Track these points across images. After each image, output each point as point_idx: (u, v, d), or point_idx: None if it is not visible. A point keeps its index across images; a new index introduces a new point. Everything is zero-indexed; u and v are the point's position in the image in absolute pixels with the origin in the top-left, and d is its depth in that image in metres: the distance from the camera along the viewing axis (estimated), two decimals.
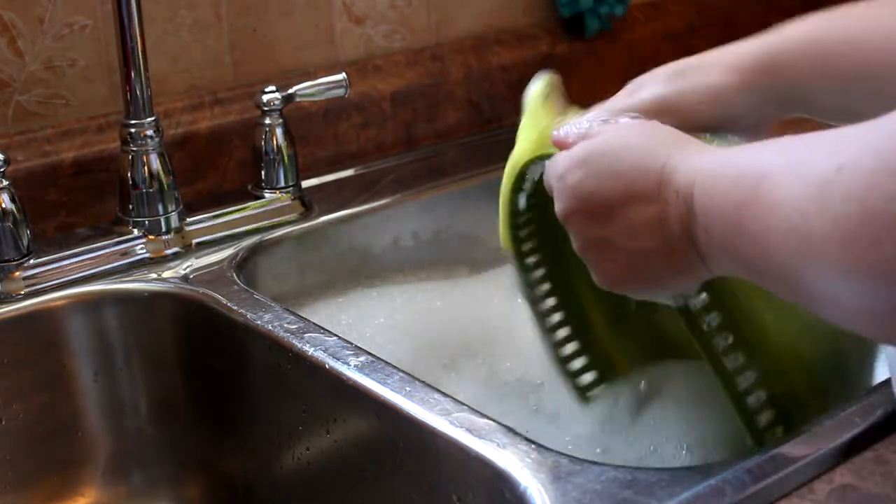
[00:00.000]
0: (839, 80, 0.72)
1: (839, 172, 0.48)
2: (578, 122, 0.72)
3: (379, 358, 0.78)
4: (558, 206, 0.67)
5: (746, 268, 0.57)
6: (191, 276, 0.92)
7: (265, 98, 1.00)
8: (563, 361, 0.84)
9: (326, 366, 0.78)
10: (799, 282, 0.53)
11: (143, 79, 0.93)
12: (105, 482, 0.92)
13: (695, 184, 0.59)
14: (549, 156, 0.73)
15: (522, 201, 0.81)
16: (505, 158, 1.17)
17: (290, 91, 1.01)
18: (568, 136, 0.71)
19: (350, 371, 0.77)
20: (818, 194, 0.49)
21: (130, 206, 0.95)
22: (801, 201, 0.50)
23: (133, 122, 0.94)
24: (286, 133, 1.02)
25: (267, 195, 1.03)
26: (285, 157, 1.02)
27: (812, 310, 0.55)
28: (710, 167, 0.59)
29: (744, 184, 0.55)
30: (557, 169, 0.68)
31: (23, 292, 0.89)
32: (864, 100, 0.71)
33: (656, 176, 0.62)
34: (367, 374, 0.76)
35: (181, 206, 0.97)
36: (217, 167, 1.07)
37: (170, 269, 0.94)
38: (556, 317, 0.84)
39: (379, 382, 0.75)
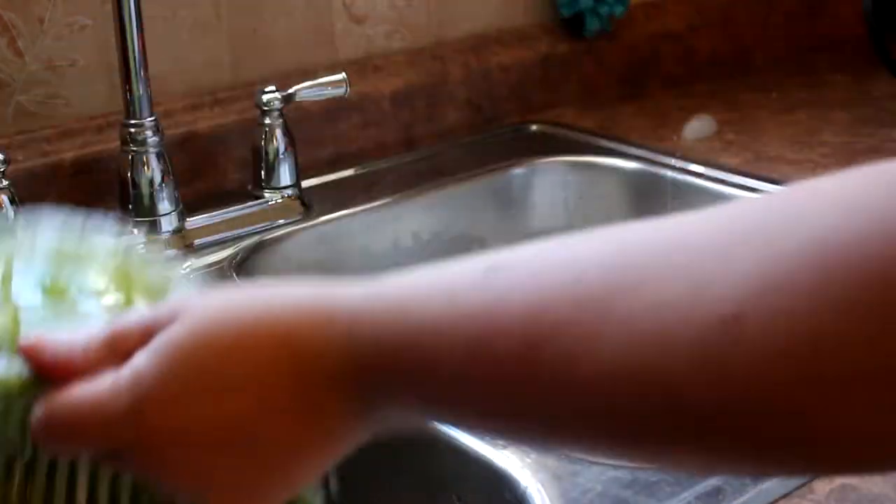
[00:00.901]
0: None
1: (738, 321, 0.33)
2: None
3: None
4: (153, 469, 0.44)
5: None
6: (191, 276, 0.92)
7: (265, 98, 1.00)
8: None
9: None
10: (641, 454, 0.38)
11: (143, 79, 0.93)
12: None
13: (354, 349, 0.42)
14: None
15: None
16: (506, 158, 1.17)
17: (290, 91, 1.01)
18: (74, 348, 0.45)
19: None
20: (702, 355, 0.33)
21: (130, 206, 0.95)
22: (659, 365, 0.34)
23: (133, 122, 0.94)
24: (286, 133, 1.02)
25: (267, 195, 1.03)
26: (285, 157, 1.02)
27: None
28: (381, 316, 0.42)
29: (485, 355, 0.38)
30: (128, 415, 0.43)
31: None
32: None
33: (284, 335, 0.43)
34: None
35: (181, 206, 0.97)
36: (217, 167, 1.07)
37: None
38: None
39: None
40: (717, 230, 0.35)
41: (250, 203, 1.02)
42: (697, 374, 0.33)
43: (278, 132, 1.02)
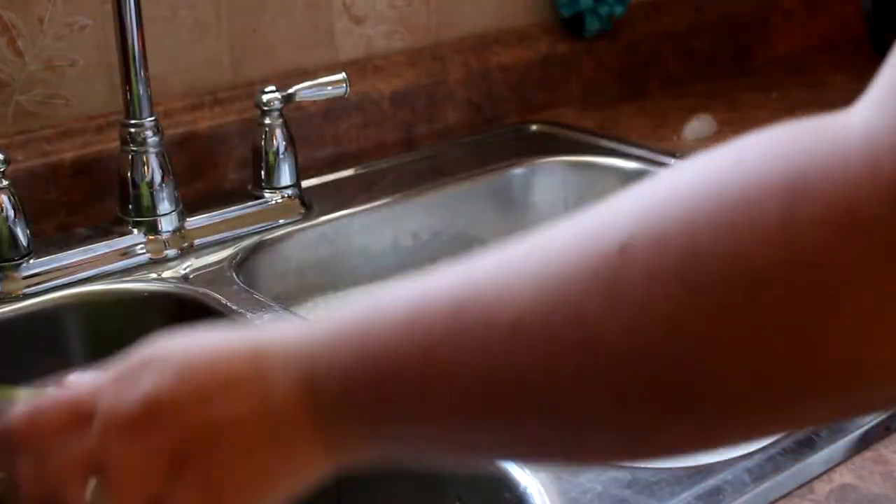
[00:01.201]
0: None
1: (624, 253, 0.37)
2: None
3: None
4: (115, 441, 0.46)
5: (428, 435, 0.43)
6: (191, 276, 0.92)
7: (265, 98, 1.00)
8: None
9: None
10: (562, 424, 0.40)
11: (143, 79, 0.93)
12: None
13: (312, 354, 0.44)
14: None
15: None
16: (506, 158, 1.17)
17: (290, 91, 1.01)
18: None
19: None
20: (602, 287, 0.37)
21: (130, 206, 0.95)
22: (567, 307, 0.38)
23: (133, 122, 0.94)
24: (286, 133, 1.02)
25: (267, 195, 1.03)
26: (285, 157, 1.02)
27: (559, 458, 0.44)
28: (337, 327, 0.45)
29: (418, 324, 0.41)
30: (94, 396, 0.48)
31: (23, 292, 0.89)
32: None
33: (247, 362, 0.46)
34: None
35: (181, 206, 0.97)
36: (217, 167, 1.07)
37: (170, 269, 0.94)
38: None
39: None
40: (615, 199, 0.40)
41: (250, 203, 1.02)
42: (599, 301, 0.37)
43: (278, 132, 1.02)
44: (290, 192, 1.03)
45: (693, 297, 0.35)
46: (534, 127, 1.26)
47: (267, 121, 1.01)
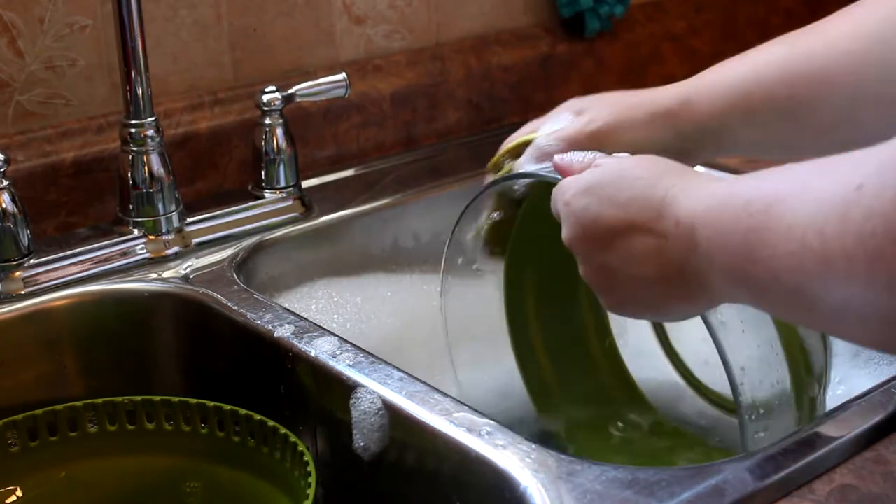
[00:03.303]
0: (759, 118, 0.78)
1: (859, 191, 0.49)
2: (582, 153, 0.73)
3: (379, 358, 0.78)
4: (564, 232, 0.68)
5: (755, 294, 0.57)
6: (191, 276, 0.92)
7: (265, 98, 1.00)
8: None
9: (326, 366, 0.78)
10: (816, 304, 0.52)
11: (143, 79, 0.93)
12: None
13: (695, 215, 0.60)
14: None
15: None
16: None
17: (290, 91, 1.01)
18: (573, 164, 0.72)
19: (350, 371, 0.77)
20: (838, 214, 0.49)
21: (130, 206, 0.95)
22: (817, 222, 0.50)
23: (133, 122, 0.94)
24: (286, 133, 1.02)
25: (267, 195, 1.03)
26: (285, 157, 1.02)
27: (829, 331, 0.58)
28: (713, 198, 0.59)
29: (753, 210, 0.55)
30: (565, 194, 0.68)
31: (23, 292, 0.89)
32: (787, 132, 0.78)
33: (657, 206, 0.62)
34: (367, 374, 0.76)
35: (181, 206, 0.97)
36: (217, 167, 1.07)
37: (170, 269, 0.94)
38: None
39: (379, 382, 0.75)
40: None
41: (250, 203, 1.02)
42: (841, 223, 0.49)
43: (278, 132, 1.02)
44: (290, 192, 1.03)
45: None
46: None
47: (267, 121, 1.01)
